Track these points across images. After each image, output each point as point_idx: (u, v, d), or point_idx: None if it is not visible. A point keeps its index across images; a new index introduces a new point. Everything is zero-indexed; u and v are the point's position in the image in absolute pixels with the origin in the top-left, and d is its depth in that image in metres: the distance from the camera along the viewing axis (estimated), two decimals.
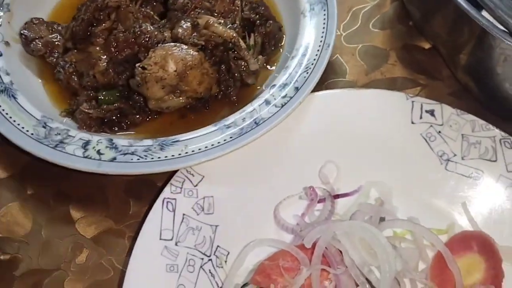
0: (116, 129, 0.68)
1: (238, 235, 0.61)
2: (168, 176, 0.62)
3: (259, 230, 0.62)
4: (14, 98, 0.66)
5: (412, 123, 0.66)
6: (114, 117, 0.68)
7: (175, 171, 0.61)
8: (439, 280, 0.57)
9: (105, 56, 0.68)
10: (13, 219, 0.62)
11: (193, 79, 0.65)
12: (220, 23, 0.67)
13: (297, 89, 0.66)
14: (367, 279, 0.54)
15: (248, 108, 0.65)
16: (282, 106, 0.64)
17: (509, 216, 0.61)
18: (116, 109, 0.68)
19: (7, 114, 0.64)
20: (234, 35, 0.66)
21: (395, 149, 0.66)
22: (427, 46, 0.77)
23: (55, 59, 0.71)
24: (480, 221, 0.62)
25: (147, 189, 0.65)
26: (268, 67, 0.73)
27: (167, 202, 0.59)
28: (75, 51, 0.70)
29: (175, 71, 0.64)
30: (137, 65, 0.64)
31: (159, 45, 0.65)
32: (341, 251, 0.56)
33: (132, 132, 0.69)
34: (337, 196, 0.64)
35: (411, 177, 0.65)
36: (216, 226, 0.61)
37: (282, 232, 0.62)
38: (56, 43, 0.72)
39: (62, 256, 0.61)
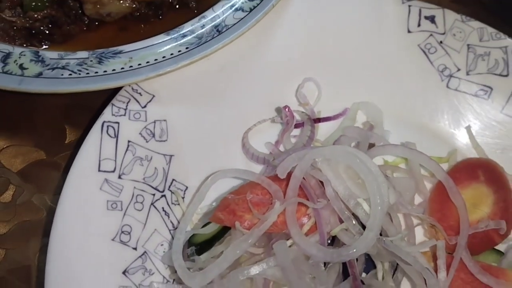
0: (47, 42, 0.56)
1: (198, 166, 0.51)
2: (108, 97, 0.50)
3: (223, 160, 0.51)
4: None
5: (409, 31, 0.55)
6: (43, 28, 0.55)
7: (118, 89, 0.49)
8: (439, 215, 0.48)
9: None
10: None
11: None
12: None
13: None
14: (353, 214, 0.44)
15: (209, 13, 0.53)
16: (251, 10, 0.53)
17: None
18: (46, 16, 0.55)
19: None
20: None
21: (387, 63, 0.56)
22: None
23: None
24: (487, 147, 0.52)
25: (86, 115, 0.53)
26: None
27: (108, 126, 0.48)
28: None
29: None
30: None
31: None
32: (322, 182, 0.46)
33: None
34: (318, 120, 0.54)
35: (406, 97, 0.55)
36: (171, 156, 0.50)
37: (252, 163, 0.52)
38: None
39: None
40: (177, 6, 0.58)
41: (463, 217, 0.47)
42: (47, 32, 0.56)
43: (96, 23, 0.57)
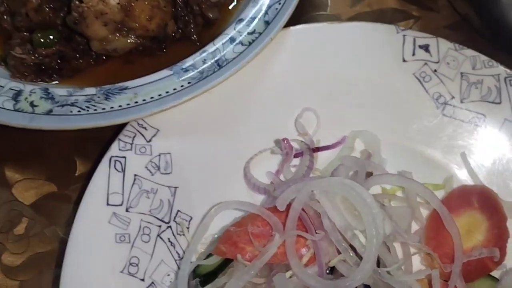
0: (56, 77, 0.58)
1: (201, 197, 0.53)
2: (116, 131, 0.53)
3: (226, 191, 0.53)
4: None
5: (404, 61, 0.57)
6: (53, 63, 0.58)
7: (124, 125, 0.52)
8: (435, 243, 0.50)
9: None
10: None
11: (141, 13, 0.55)
12: None
13: (267, 23, 0.56)
14: (350, 245, 0.46)
15: (210, 47, 0.55)
16: (250, 44, 0.55)
17: None
18: (55, 53, 0.57)
19: None
20: None
21: (383, 92, 0.57)
22: None
23: None
24: (482, 173, 0.54)
25: (96, 147, 0.56)
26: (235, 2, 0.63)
27: (115, 161, 0.50)
28: None
29: (118, 3, 0.53)
30: None
31: None
32: (319, 214, 0.47)
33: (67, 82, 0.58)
34: (317, 149, 0.55)
35: (402, 125, 0.57)
36: (176, 187, 0.52)
37: (253, 193, 0.54)
38: None
39: None
40: (177, 37, 0.60)
41: (458, 245, 0.48)
42: (56, 67, 0.58)
43: (103, 57, 0.60)
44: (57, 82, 0.58)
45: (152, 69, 0.56)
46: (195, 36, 0.60)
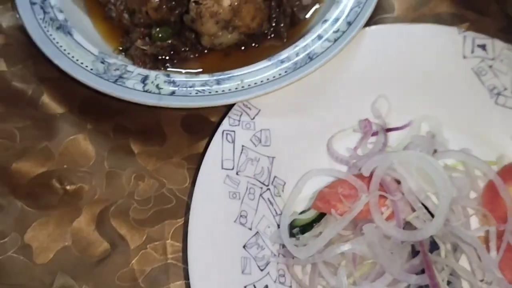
0: (168, 65, 0.70)
1: (293, 166, 0.63)
2: (224, 111, 0.64)
3: (312, 161, 0.64)
4: (70, 35, 0.67)
5: (464, 57, 0.67)
6: (166, 54, 0.69)
7: (232, 106, 0.63)
8: (490, 207, 0.59)
9: None
10: (77, 151, 0.64)
11: (247, 14, 0.66)
12: None
13: (349, 23, 0.66)
14: (423, 205, 0.57)
15: (301, 43, 0.66)
16: (335, 40, 0.65)
17: None
18: (169, 45, 0.69)
19: (65, 50, 0.65)
20: None
21: (445, 83, 0.67)
22: None
23: None
24: None
25: (202, 124, 0.67)
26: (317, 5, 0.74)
27: (227, 134, 0.61)
28: None
29: (230, 5, 0.64)
30: (191, 0, 0.64)
31: None
32: (397, 180, 0.58)
33: (182, 70, 0.70)
34: (389, 130, 0.65)
35: (462, 111, 0.66)
36: (273, 157, 0.63)
37: (335, 163, 0.64)
38: None
39: (125, 186, 0.63)
40: (272, 36, 0.71)
41: (510, 208, 0.58)
42: (168, 57, 0.70)
43: (205, 50, 0.71)
44: (171, 70, 0.69)
45: (247, 61, 0.67)
46: (285, 34, 0.71)
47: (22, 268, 0.58)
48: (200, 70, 0.69)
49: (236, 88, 0.63)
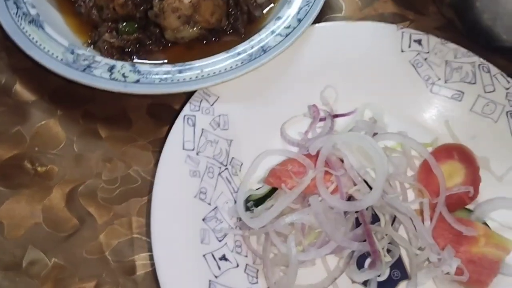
0: (134, 57, 0.75)
1: (249, 148, 0.69)
2: (185, 98, 0.69)
3: (267, 144, 0.70)
4: (42, 28, 0.72)
5: (402, 51, 0.74)
6: (132, 47, 0.74)
7: (193, 93, 0.69)
8: (425, 183, 0.66)
9: None
10: (48, 135, 0.69)
11: (206, 10, 0.72)
12: None
13: (299, 20, 0.73)
14: (363, 180, 0.63)
15: (256, 37, 0.72)
16: (287, 35, 0.72)
17: (485, 130, 0.70)
18: (135, 39, 0.74)
19: (36, 42, 0.70)
20: None
21: (386, 74, 0.74)
22: None
23: None
24: (460, 136, 0.71)
25: (165, 111, 0.72)
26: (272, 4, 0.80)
27: (188, 118, 0.67)
28: None
29: (190, 1, 0.70)
30: None
31: None
32: (340, 159, 0.65)
33: (147, 62, 0.75)
34: (336, 116, 0.72)
35: (401, 99, 0.73)
36: (231, 140, 0.69)
37: (288, 146, 0.71)
38: None
39: (94, 167, 0.68)
40: (230, 31, 0.78)
41: (442, 183, 0.65)
42: (134, 50, 0.75)
43: (169, 44, 0.77)
44: (135, 61, 0.75)
45: (208, 54, 0.73)
46: (242, 29, 0.77)
47: None
48: (165, 61, 0.75)
49: (196, 77, 0.68)
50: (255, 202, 0.64)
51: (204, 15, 0.72)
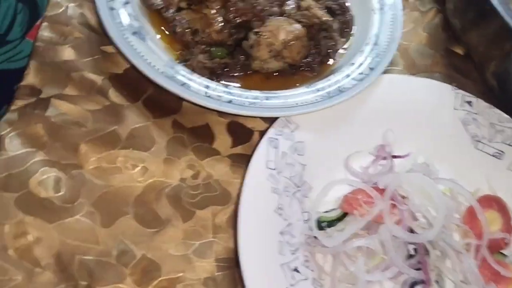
0: (218, 80, 0.83)
1: (318, 174, 0.77)
2: (261, 121, 0.78)
3: (332, 172, 0.78)
4: (144, 40, 0.79)
5: (454, 109, 0.85)
6: (219, 70, 0.82)
7: (272, 118, 0.77)
8: (470, 226, 0.76)
9: (220, 18, 0.82)
10: (141, 136, 0.74)
11: (295, 48, 0.81)
12: (318, 7, 0.83)
13: (371, 69, 0.83)
14: (424, 216, 0.72)
15: (333, 78, 0.82)
16: (360, 80, 0.81)
17: None
18: (224, 63, 0.82)
19: (139, 52, 0.77)
20: (330, 18, 0.83)
21: (438, 126, 0.84)
22: (462, 52, 0.96)
23: (170, 15, 0.85)
24: (498, 189, 0.81)
25: (241, 129, 0.79)
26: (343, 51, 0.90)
27: (271, 140, 0.75)
28: (189, 10, 0.84)
29: (283, 40, 0.79)
30: (254, 30, 0.79)
31: (271, 17, 0.80)
32: (402, 196, 0.74)
33: (230, 84, 0.83)
34: (394, 157, 0.81)
35: (449, 150, 0.83)
36: (305, 165, 0.76)
37: (350, 176, 0.79)
38: (172, 1, 0.85)
39: (180, 172, 0.74)
40: (306, 68, 0.87)
41: (485, 228, 0.74)
42: (220, 73, 0.83)
43: (249, 71, 0.85)
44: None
45: (283, 85, 0.82)
46: (318, 68, 0.86)
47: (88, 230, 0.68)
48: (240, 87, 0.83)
49: (281, 105, 0.77)
50: (327, 224, 0.71)
51: (291, 52, 0.81)
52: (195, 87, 0.76)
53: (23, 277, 0.63)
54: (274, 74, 0.85)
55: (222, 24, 0.82)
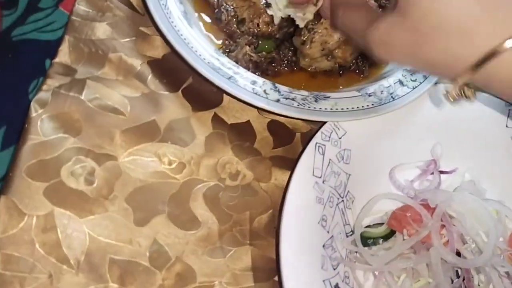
0: (263, 75, 0.78)
1: (362, 184, 0.73)
2: (303, 122, 0.74)
3: (376, 184, 0.74)
4: (190, 26, 0.73)
5: (506, 126, 0.81)
6: (265, 65, 0.77)
7: (324, 123, 0.72)
8: None
9: None
10: (180, 130, 0.70)
11: (348, 49, 0.76)
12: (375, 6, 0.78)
13: (425, 77, 0.78)
14: (473, 239, 0.68)
15: (385, 83, 0.77)
16: (414, 88, 0.77)
17: None
18: (270, 57, 0.77)
19: (185, 39, 0.71)
20: None
21: (488, 143, 0.80)
22: None
23: (215, 0, 0.79)
24: None
25: (283, 130, 0.75)
26: None
27: (318, 146, 0.70)
28: None
29: (339, 38, 0.74)
30: (308, 27, 0.73)
31: None
32: (450, 216, 0.70)
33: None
34: (442, 172, 0.77)
35: (497, 168, 0.79)
36: (350, 174, 0.72)
37: (394, 189, 0.75)
38: None
39: (218, 171, 0.69)
40: (355, 70, 0.82)
41: None
42: (266, 68, 0.78)
43: (295, 68, 0.80)
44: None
45: (329, 85, 0.78)
46: (367, 71, 0.81)
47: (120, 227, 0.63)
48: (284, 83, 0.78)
49: (331, 109, 0.72)
50: (372, 241, 0.67)
51: (344, 53, 0.76)
52: (242, 82, 0.70)
53: (49, 275, 0.58)
54: (321, 73, 0.80)
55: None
